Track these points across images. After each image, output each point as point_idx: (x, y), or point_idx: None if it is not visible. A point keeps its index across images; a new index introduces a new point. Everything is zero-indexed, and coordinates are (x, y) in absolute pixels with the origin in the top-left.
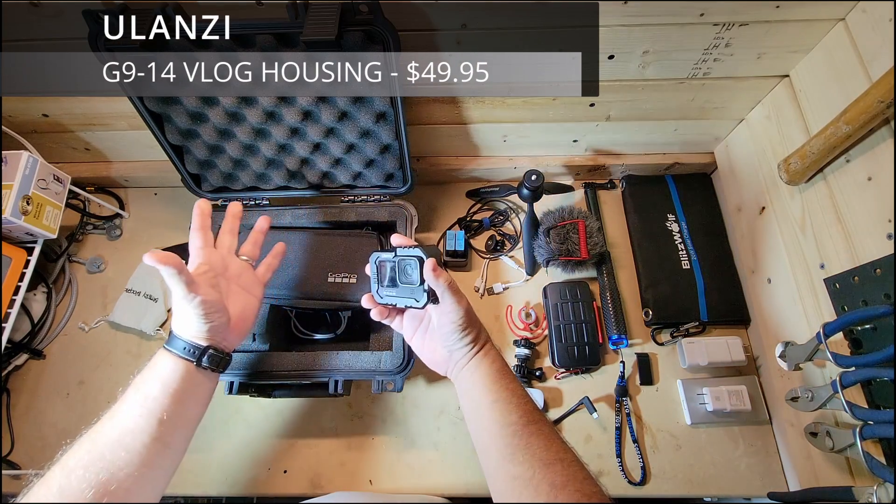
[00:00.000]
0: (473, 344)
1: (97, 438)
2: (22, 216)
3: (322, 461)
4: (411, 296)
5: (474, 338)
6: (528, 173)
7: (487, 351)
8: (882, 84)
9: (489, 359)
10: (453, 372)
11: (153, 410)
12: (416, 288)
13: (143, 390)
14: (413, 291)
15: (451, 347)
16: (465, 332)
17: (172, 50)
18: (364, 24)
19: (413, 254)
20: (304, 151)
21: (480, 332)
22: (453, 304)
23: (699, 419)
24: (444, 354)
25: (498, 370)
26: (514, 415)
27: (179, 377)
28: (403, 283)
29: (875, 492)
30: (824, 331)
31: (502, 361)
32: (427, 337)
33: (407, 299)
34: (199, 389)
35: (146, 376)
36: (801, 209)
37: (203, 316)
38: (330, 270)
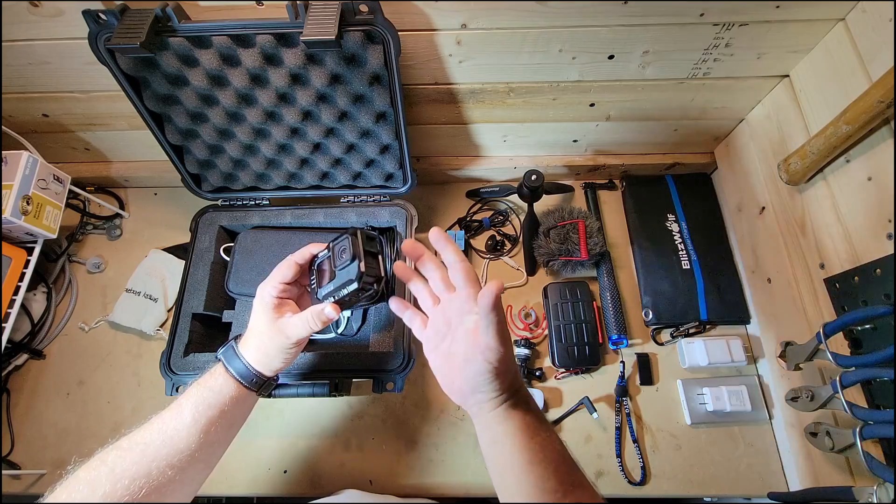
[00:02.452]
0: (501, 391)
1: (147, 451)
2: (22, 216)
3: (322, 461)
4: (347, 277)
5: (505, 387)
6: (528, 173)
7: (519, 400)
8: (882, 84)
9: (521, 410)
10: (474, 409)
11: (205, 431)
12: (350, 266)
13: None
14: (347, 272)
15: (476, 388)
16: (497, 378)
17: (172, 50)
18: (364, 24)
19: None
20: (304, 151)
21: (514, 383)
22: (494, 341)
23: (699, 419)
24: (465, 389)
25: (532, 424)
26: (552, 480)
27: (239, 403)
28: (340, 267)
29: (875, 492)
30: (824, 331)
31: (537, 411)
32: (449, 361)
33: (342, 283)
34: (248, 411)
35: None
36: (801, 209)
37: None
38: None
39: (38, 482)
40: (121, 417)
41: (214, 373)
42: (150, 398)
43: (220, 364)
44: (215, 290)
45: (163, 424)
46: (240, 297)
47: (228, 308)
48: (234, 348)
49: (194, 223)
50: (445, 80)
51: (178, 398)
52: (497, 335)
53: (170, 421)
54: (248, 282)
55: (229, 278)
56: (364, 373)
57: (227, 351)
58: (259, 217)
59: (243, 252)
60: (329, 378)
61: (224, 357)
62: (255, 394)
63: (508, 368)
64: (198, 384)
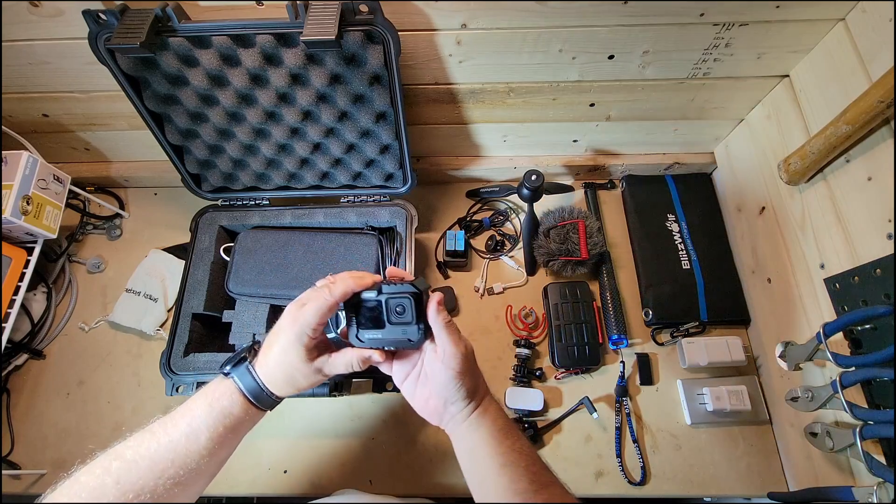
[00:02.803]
0: (471, 398)
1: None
2: (22, 216)
3: (322, 461)
4: (403, 335)
5: (472, 389)
6: (528, 173)
7: (488, 406)
8: (882, 84)
9: (491, 416)
10: (450, 425)
11: (217, 451)
12: (409, 326)
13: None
14: (405, 331)
15: (448, 400)
16: (462, 381)
17: (172, 50)
18: (364, 24)
19: (405, 290)
20: (304, 151)
21: (479, 383)
22: (450, 346)
23: (699, 419)
24: (438, 406)
25: (501, 428)
26: (524, 481)
27: (250, 421)
28: (395, 322)
29: (875, 492)
30: (824, 331)
31: (505, 417)
32: (419, 384)
33: (396, 340)
34: (253, 426)
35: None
36: (801, 209)
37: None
38: (330, 270)
39: (38, 482)
40: (121, 417)
41: (227, 394)
42: (150, 398)
43: (232, 386)
44: (215, 290)
45: (173, 443)
46: (240, 297)
47: (228, 308)
48: (250, 372)
49: (194, 223)
50: (445, 80)
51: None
52: (449, 337)
53: (182, 440)
54: (248, 282)
55: (229, 278)
56: (364, 373)
57: (243, 374)
58: (259, 217)
59: (243, 252)
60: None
61: (239, 379)
62: (265, 412)
63: (470, 368)
64: (209, 405)
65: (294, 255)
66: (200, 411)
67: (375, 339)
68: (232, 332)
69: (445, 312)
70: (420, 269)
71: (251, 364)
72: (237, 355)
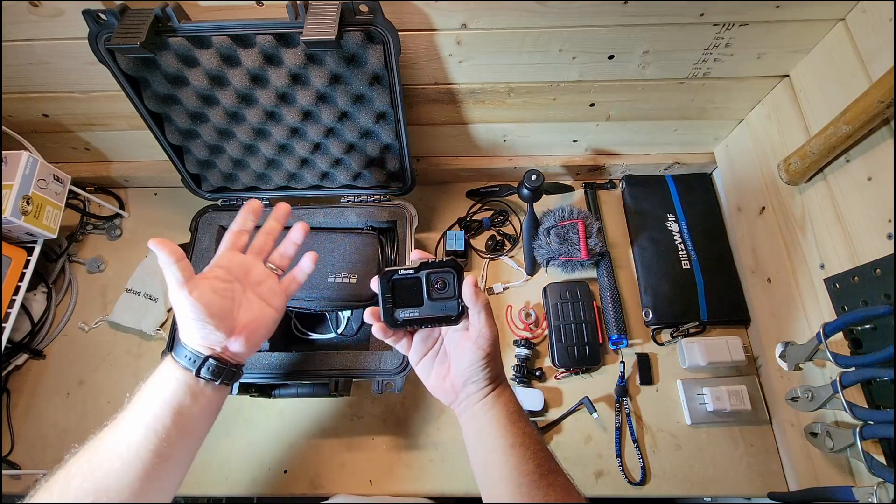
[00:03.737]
0: (491, 380)
1: (99, 446)
2: (22, 216)
3: (322, 461)
4: (442, 311)
5: (495, 374)
6: (528, 173)
7: (504, 389)
8: (882, 84)
9: (505, 398)
10: (463, 404)
11: (150, 424)
12: (450, 302)
13: (144, 400)
14: (445, 306)
15: (469, 379)
16: (488, 363)
17: (172, 50)
18: (364, 24)
19: (447, 265)
20: (304, 151)
21: (501, 368)
22: (486, 328)
23: (699, 419)
24: (457, 384)
25: (514, 411)
26: (531, 463)
27: (180, 389)
28: (435, 298)
29: (875, 492)
30: (824, 331)
31: (517, 402)
32: (437, 362)
33: (433, 316)
34: (201, 401)
35: (150, 385)
36: (801, 209)
37: (199, 320)
38: (330, 270)
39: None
40: None
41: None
42: None
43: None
44: None
45: (115, 420)
46: None
47: None
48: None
49: (194, 223)
50: (445, 80)
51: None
52: (486, 319)
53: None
54: None
55: None
56: (364, 373)
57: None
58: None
59: None
60: (329, 378)
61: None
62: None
63: (497, 352)
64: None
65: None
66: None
67: (412, 318)
68: None
69: (484, 294)
70: None
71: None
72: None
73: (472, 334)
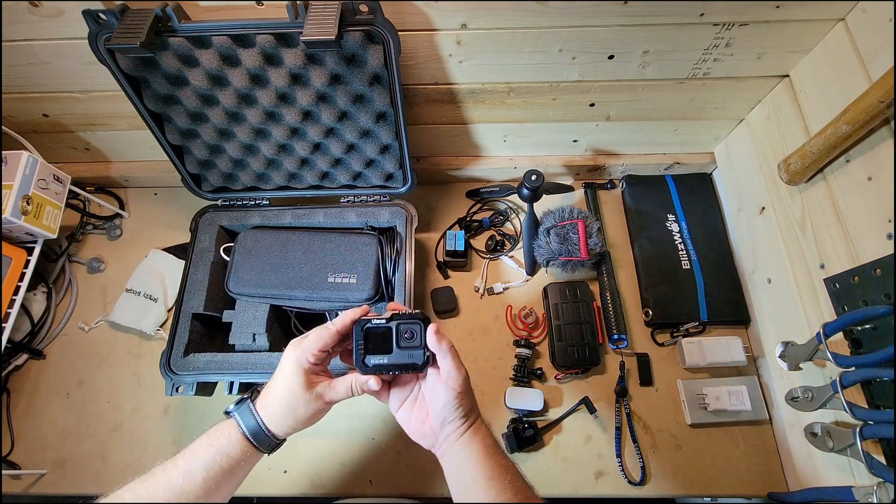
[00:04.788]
0: (466, 418)
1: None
2: (22, 216)
3: (322, 461)
4: (409, 359)
5: (468, 410)
6: (528, 173)
7: (479, 425)
8: (882, 84)
9: (481, 434)
10: (443, 446)
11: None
12: (416, 350)
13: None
14: (412, 354)
15: (446, 419)
16: (461, 401)
17: (172, 50)
18: (364, 24)
19: (415, 317)
20: (304, 151)
21: (474, 404)
22: (453, 369)
23: (699, 419)
24: (435, 426)
25: (490, 445)
26: (509, 493)
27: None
28: (403, 346)
29: (875, 492)
30: (824, 331)
31: (492, 437)
32: (416, 408)
33: (401, 363)
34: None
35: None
36: (801, 209)
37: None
38: (330, 270)
39: (38, 482)
40: (121, 417)
41: (227, 433)
42: (149, 398)
43: (233, 424)
44: (215, 290)
45: (170, 482)
46: (240, 297)
47: (228, 308)
48: (251, 409)
49: (194, 223)
50: (445, 80)
51: (187, 456)
52: (453, 361)
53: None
54: (248, 282)
55: (229, 278)
56: None
57: (243, 412)
58: (259, 217)
59: (243, 252)
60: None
61: (240, 416)
62: (263, 454)
63: (468, 390)
64: (209, 444)
65: (294, 255)
66: (201, 450)
67: (381, 364)
68: (232, 332)
69: (448, 338)
70: (420, 269)
71: (252, 402)
72: (240, 396)
73: (444, 376)
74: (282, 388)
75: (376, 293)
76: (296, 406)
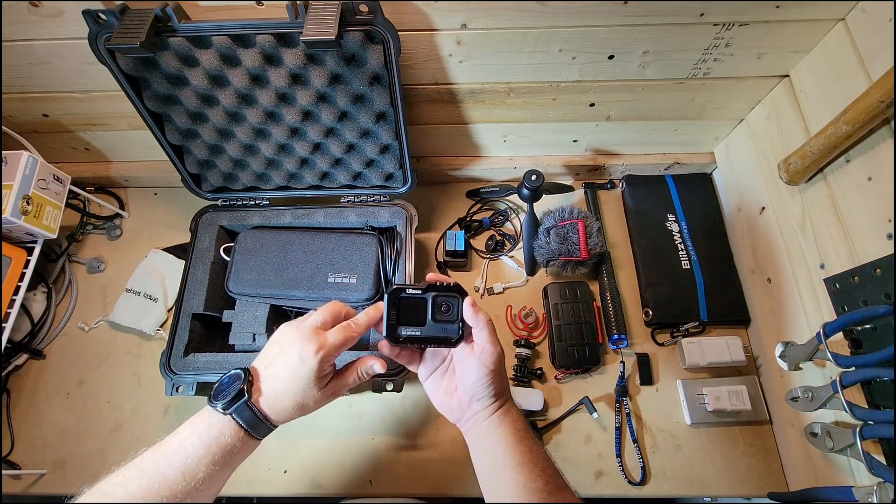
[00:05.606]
0: (496, 398)
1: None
2: (22, 216)
3: (322, 461)
4: (443, 333)
5: (499, 390)
6: (528, 173)
7: (510, 408)
8: (882, 84)
9: (511, 416)
10: (469, 423)
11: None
12: (452, 324)
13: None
14: (446, 328)
15: (474, 396)
16: (493, 380)
17: (172, 50)
18: (364, 24)
19: (453, 290)
20: (304, 151)
21: (506, 385)
22: (489, 345)
23: (699, 419)
24: (463, 402)
25: (522, 429)
26: (539, 481)
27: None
28: (439, 319)
29: (875, 492)
30: (824, 331)
31: (524, 420)
32: (445, 380)
33: (434, 336)
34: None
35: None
36: (801, 209)
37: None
38: (330, 270)
39: (38, 482)
40: (121, 417)
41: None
42: (150, 398)
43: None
44: (215, 290)
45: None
46: (240, 297)
47: (228, 308)
48: (251, 408)
49: (194, 223)
50: (445, 80)
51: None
52: (489, 336)
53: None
54: (248, 282)
55: (229, 278)
56: None
57: (242, 411)
58: (259, 217)
59: (243, 252)
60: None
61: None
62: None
63: (501, 369)
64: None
65: (294, 255)
66: (196, 449)
67: (413, 336)
68: (232, 332)
69: (486, 312)
70: (420, 269)
71: (251, 400)
72: (231, 389)
73: (476, 351)
74: (292, 385)
75: (376, 293)
76: (306, 403)
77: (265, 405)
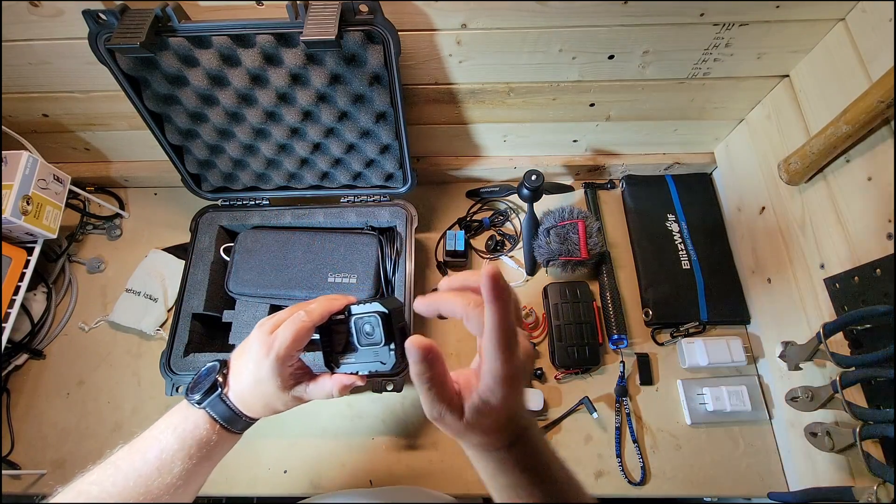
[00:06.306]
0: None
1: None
2: (22, 216)
3: (322, 461)
4: (375, 358)
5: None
6: (528, 173)
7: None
8: (882, 84)
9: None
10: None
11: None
12: (380, 348)
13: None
14: (376, 353)
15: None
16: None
17: (172, 50)
18: (364, 24)
19: (370, 309)
20: (304, 151)
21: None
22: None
23: (699, 419)
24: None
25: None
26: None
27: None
28: (364, 344)
29: (875, 492)
30: (824, 331)
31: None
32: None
33: (370, 363)
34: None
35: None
36: (801, 209)
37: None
38: (330, 270)
39: (37, 482)
40: (121, 417)
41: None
42: (150, 398)
43: (205, 415)
44: (215, 290)
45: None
46: (240, 297)
47: (228, 308)
48: (225, 401)
49: (194, 223)
50: (445, 80)
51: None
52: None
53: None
54: (248, 282)
55: (229, 278)
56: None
57: (216, 405)
58: (259, 217)
59: (243, 252)
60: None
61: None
62: (240, 435)
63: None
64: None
65: (294, 255)
66: (171, 443)
67: (350, 365)
68: (232, 332)
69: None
70: (420, 269)
71: (224, 393)
72: (205, 382)
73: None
74: (254, 386)
75: (376, 293)
76: (272, 404)
77: (237, 400)
